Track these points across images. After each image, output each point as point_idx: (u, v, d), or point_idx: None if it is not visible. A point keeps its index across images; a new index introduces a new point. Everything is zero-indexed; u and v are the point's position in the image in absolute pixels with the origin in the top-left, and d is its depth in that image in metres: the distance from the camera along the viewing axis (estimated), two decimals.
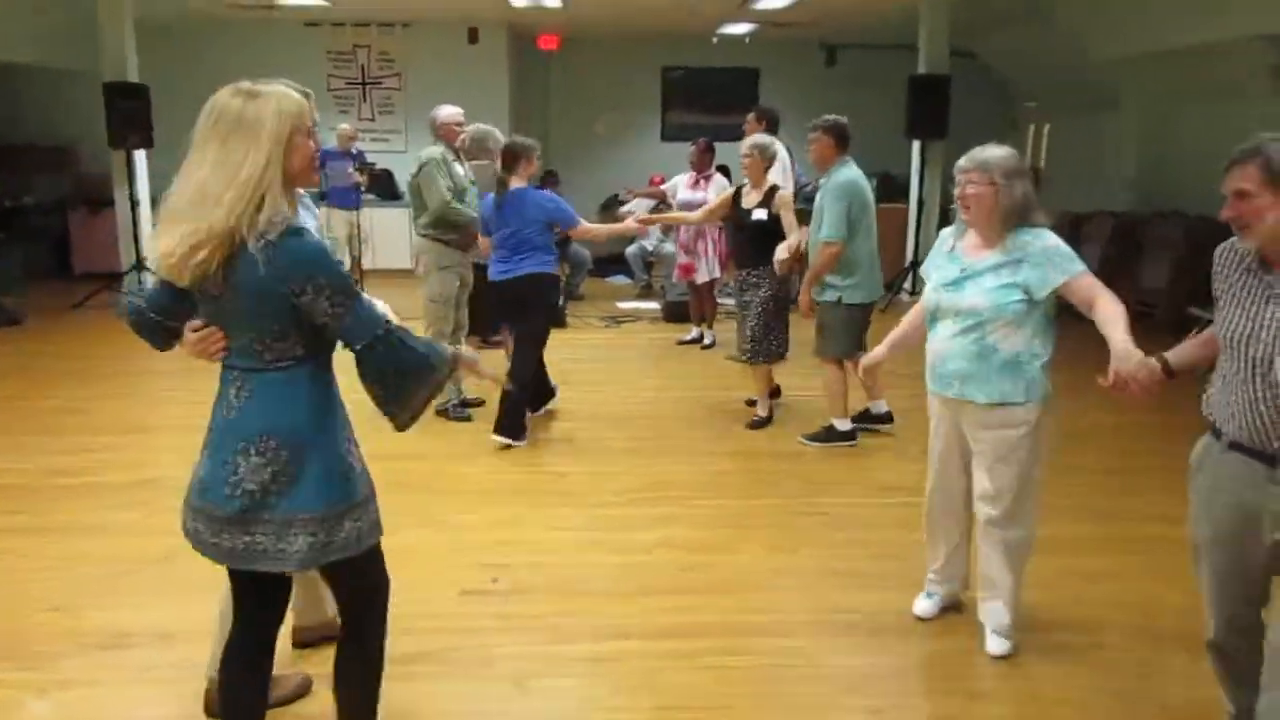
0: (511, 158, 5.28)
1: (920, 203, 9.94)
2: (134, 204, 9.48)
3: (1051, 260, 2.93)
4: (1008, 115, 13.53)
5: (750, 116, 7.08)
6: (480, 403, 5.85)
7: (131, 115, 9.08)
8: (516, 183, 5.25)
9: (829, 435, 5.30)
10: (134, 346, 2.51)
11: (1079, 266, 2.94)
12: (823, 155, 5.18)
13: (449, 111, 5.69)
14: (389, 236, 11.01)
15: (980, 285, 2.99)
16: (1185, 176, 9.47)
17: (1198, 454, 2.53)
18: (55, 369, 7.04)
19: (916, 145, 9.93)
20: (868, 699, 2.94)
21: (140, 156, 9.58)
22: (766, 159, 5.47)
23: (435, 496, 4.53)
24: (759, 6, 9.98)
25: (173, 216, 2.02)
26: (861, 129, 13.16)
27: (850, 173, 5.13)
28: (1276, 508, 2.24)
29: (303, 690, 2.91)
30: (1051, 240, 2.97)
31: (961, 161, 3.02)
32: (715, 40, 12.59)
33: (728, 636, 3.29)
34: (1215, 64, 8.33)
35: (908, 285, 9.91)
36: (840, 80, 13.10)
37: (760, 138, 5.64)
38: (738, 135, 6.69)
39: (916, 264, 9.90)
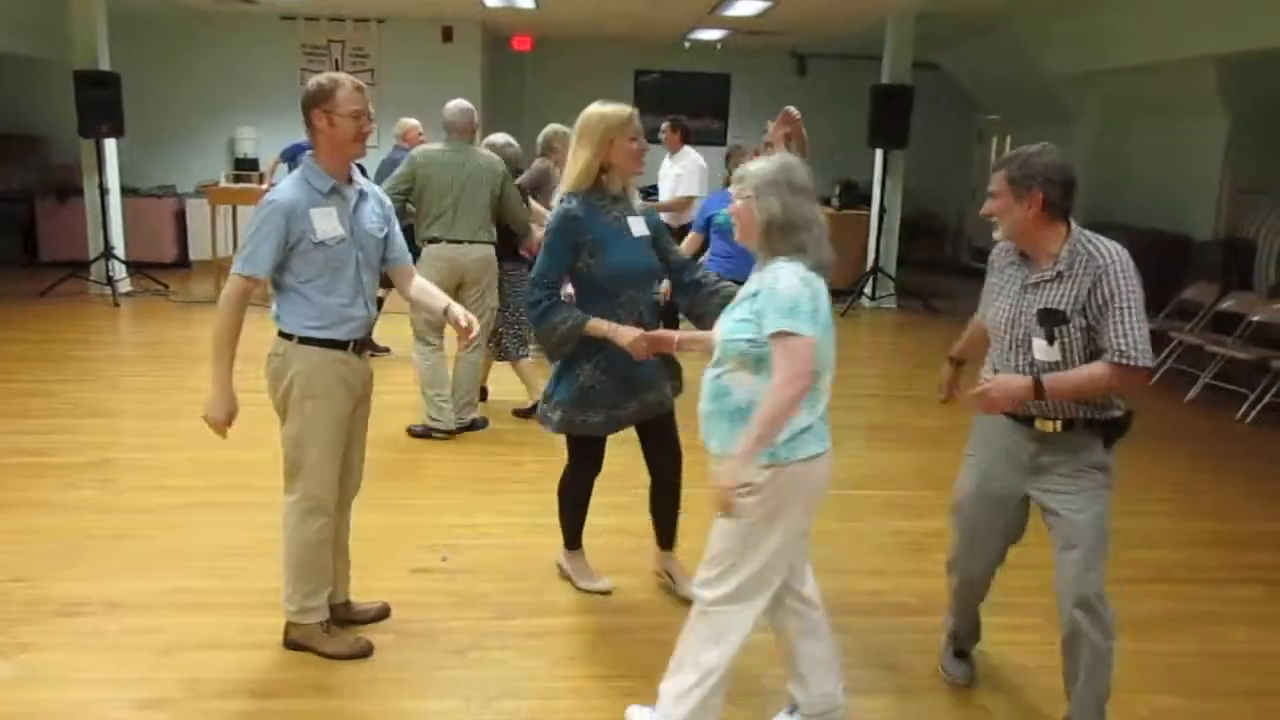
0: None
1: (882, 210, 10.16)
2: (103, 193, 9.51)
3: (767, 305, 2.38)
4: (973, 127, 13.84)
5: (666, 126, 7.61)
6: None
7: (102, 104, 9.11)
8: None
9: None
10: (98, 334, 2.63)
11: (781, 325, 2.34)
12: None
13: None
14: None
15: (729, 314, 2.55)
16: (1132, 190, 9.79)
17: (975, 432, 2.92)
18: (20, 354, 7.09)
19: (879, 154, 10.15)
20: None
21: (110, 145, 9.61)
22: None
23: (393, 482, 4.65)
24: (729, 13, 10.17)
25: None
26: (829, 136, 13.40)
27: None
28: (1027, 458, 2.73)
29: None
30: (783, 281, 2.38)
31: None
32: (687, 45, 12.79)
33: (667, 614, 3.44)
34: (1162, 83, 8.61)
35: (868, 290, 10.14)
36: (809, 88, 13.35)
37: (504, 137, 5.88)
38: (707, 140, 6.92)
39: (877, 269, 10.14)
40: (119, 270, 9.53)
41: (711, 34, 12.04)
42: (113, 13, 9.57)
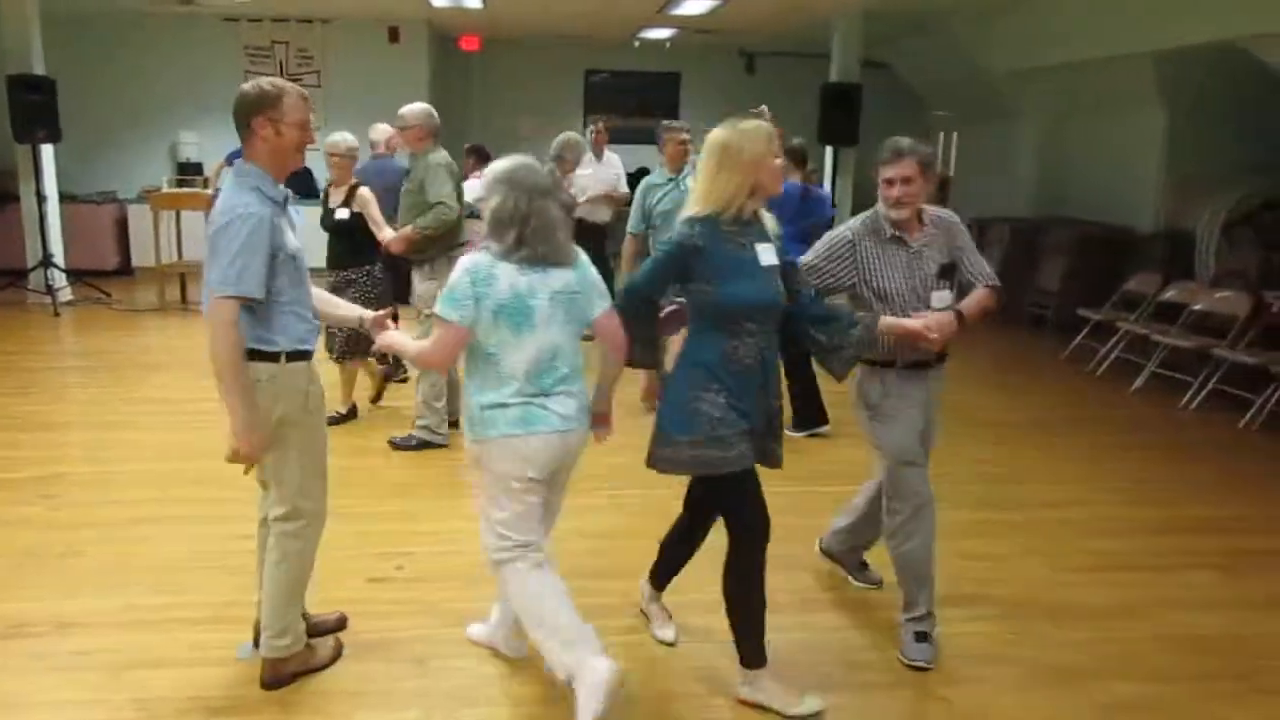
0: None
1: (832, 206, 10.22)
2: (41, 199, 9.25)
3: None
4: (920, 124, 13.99)
5: (600, 126, 8.08)
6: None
7: (37, 109, 8.87)
8: None
9: None
10: (38, 344, 2.54)
11: (437, 309, 2.75)
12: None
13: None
14: (303, 234, 10.91)
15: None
16: (1077, 185, 9.97)
17: (877, 390, 3.20)
18: None
19: (829, 151, 10.22)
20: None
21: (47, 151, 9.35)
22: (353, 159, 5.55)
23: (348, 489, 4.55)
24: (678, 12, 10.18)
25: None
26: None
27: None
28: (925, 396, 3.23)
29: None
30: (453, 274, 2.76)
31: None
32: (636, 45, 12.78)
33: (626, 617, 3.43)
34: (1104, 78, 8.78)
35: None
36: (759, 86, 13.38)
37: (347, 137, 5.57)
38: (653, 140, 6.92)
39: None
40: (59, 279, 9.28)
41: (661, 33, 12.04)
42: (47, 15, 9.31)
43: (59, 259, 9.41)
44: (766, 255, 2.84)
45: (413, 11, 10.79)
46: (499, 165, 2.81)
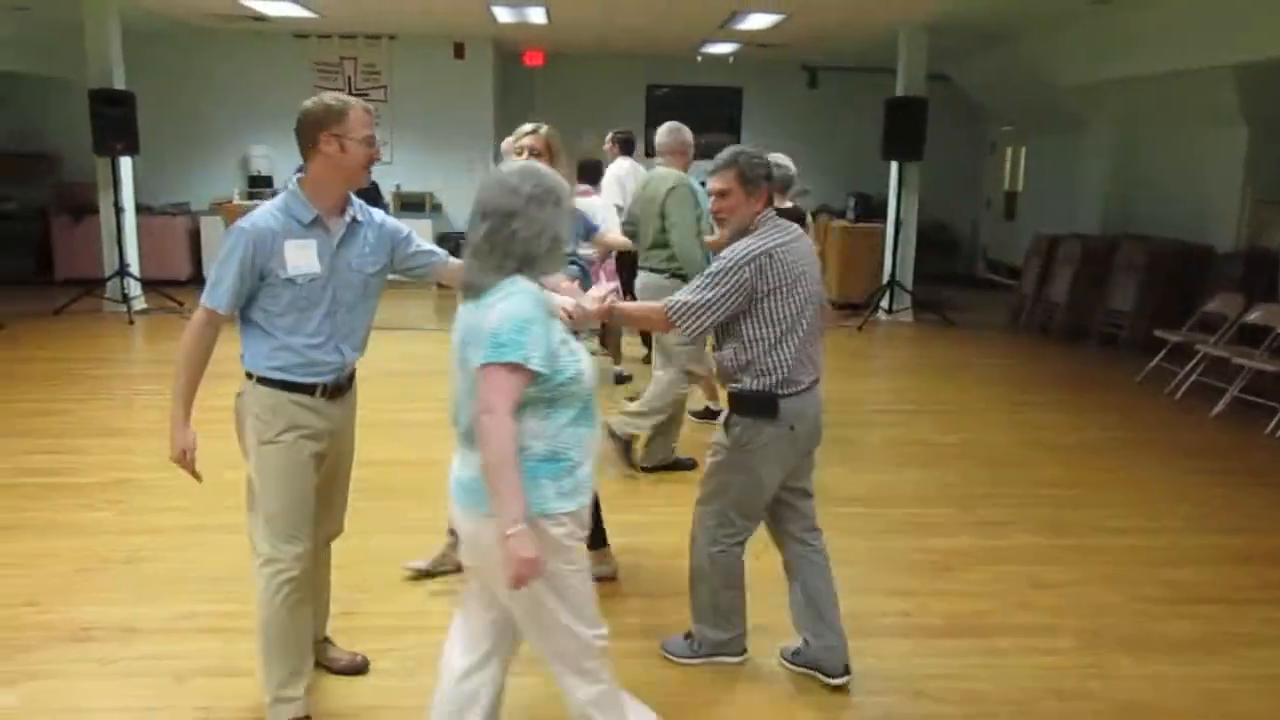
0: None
1: (898, 223, 10.09)
2: (118, 210, 9.53)
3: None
4: (984, 138, 13.78)
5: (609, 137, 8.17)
6: None
7: (117, 122, 9.14)
8: None
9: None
10: (112, 351, 2.58)
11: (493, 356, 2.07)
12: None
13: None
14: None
15: None
16: (1150, 200, 9.70)
17: (795, 410, 2.91)
18: (33, 372, 7.07)
19: (894, 166, 10.08)
20: (823, 695, 3.02)
21: (125, 164, 9.63)
22: None
23: (413, 502, 4.58)
24: (741, 27, 10.14)
25: None
26: (841, 149, 13.36)
27: None
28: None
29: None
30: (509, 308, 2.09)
31: None
32: (699, 59, 12.76)
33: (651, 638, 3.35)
34: (1181, 91, 8.52)
35: (885, 303, 10.06)
36: (821, 101, 13.32)
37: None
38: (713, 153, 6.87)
39: (893, 282, 10.06)
40: (134, 288, 9.54)
41: (723, 48, 12.01)
42: (126, 32, 9.61)
43: (134, 268, 9.68)
44: None
45: (478, 27, 10.91)
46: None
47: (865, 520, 4.51)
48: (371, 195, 11.80)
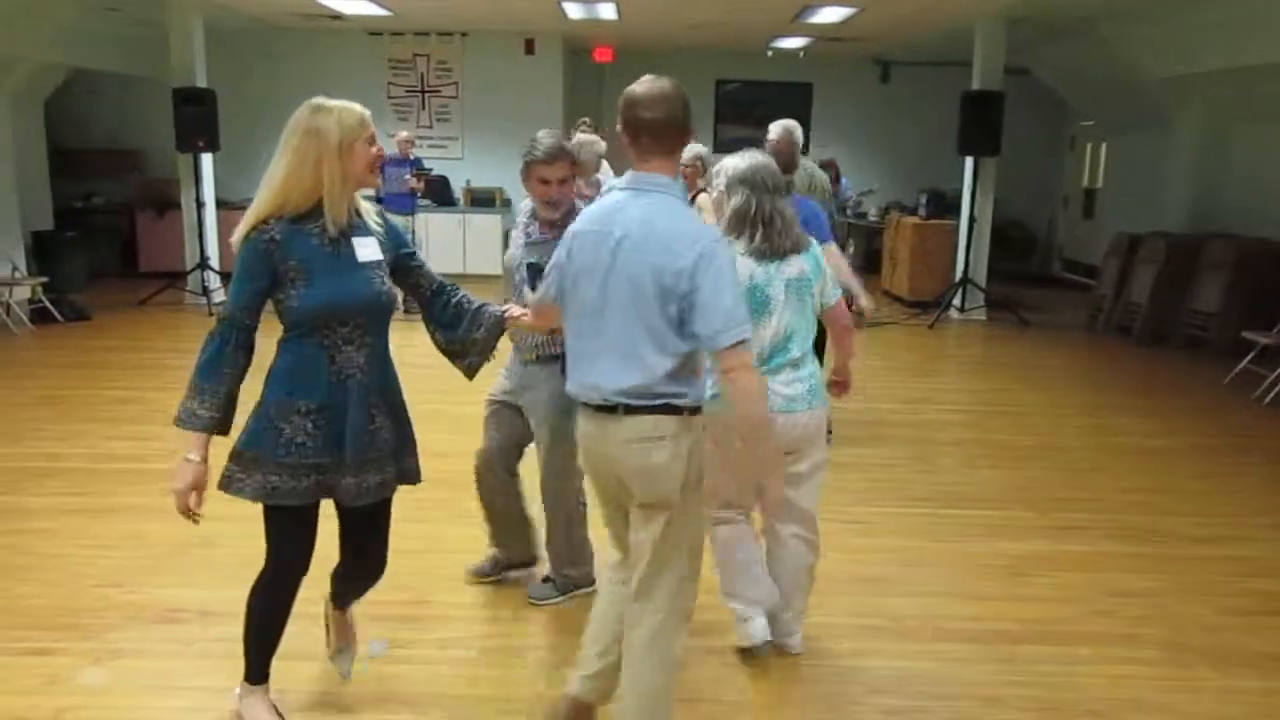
0: None
1: (972, 220, 9.88)
2: (199, 205, 9.81)
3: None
4: (1062, 133, 13.42)
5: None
6: None
7: (198, 120, 9.40)
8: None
9: None
10: (192, 342, 2.65)
11: None
12: None
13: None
14: (443, 240, 11.31)
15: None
16: (1238, 197, 9.33)
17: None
18: (118, 361, 7.32)
19: (969, 162, 9.87)
20: (894, 699, 2.97)
21: (206, 160, 9.91)
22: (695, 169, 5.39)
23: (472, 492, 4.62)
24: (812, 20, 10.03)
25: None
26: (913, 144, 13.15)
27: None
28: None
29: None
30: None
31: None
32: (769, 54, 12.66)
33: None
34: (1270, 85, 8.18)
35: (957, 301, 9.87)
36: (893, 96, 13.11)
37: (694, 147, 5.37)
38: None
39: (966, 280, 9.86)
40: (214, 280, 9.81)
41: (794, 42, 11.90)
42: (207, 30, 9.88)
43: (214, 262, 9.95)
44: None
45: (548, 24, 10.98)
46: (737, 165, 2.93)
47: (935, 521, 4.43)
48: (441, 189, 11.95)
